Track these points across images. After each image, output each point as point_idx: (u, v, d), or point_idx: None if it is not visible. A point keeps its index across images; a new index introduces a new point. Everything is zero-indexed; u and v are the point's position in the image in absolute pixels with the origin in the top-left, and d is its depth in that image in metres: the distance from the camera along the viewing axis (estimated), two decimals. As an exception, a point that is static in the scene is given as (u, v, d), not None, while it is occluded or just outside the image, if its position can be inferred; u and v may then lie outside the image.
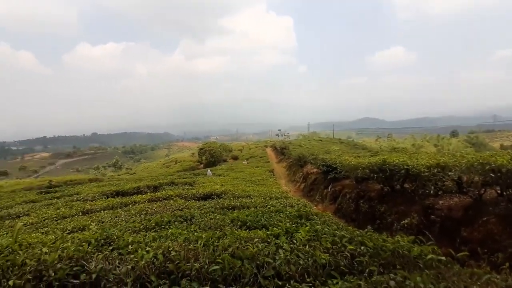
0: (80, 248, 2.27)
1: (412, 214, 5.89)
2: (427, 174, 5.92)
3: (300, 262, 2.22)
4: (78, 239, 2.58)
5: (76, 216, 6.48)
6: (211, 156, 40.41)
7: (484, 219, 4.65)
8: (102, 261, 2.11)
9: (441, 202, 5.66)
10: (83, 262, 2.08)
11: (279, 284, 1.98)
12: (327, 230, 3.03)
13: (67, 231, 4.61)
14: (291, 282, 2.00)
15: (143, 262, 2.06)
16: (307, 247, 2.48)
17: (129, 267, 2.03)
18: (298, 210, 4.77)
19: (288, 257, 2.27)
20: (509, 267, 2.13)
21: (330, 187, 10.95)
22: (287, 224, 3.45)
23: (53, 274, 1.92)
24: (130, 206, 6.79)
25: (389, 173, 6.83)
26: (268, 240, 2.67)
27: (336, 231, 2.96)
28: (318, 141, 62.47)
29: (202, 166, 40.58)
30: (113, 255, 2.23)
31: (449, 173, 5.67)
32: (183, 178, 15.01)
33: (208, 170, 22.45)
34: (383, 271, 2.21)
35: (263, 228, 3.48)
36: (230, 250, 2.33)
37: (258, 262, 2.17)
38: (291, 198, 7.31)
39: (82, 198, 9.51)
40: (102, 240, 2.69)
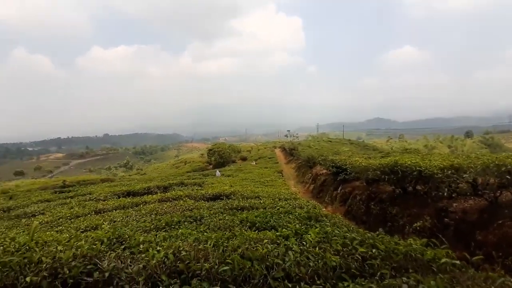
0: (94, 246, 2.31)
1: (425, 216, 5.76)
2: (440, 176, 5.78)
3: (310, 264, 2.20)
4: (91, 238, 2.63)
5: (89, 215, 6.62)
6: (220, 157, 40.60)
7: (500, 222, 4.51)
8: (114, 259, 2.14)
9: (455, 204, 5.52)
10: (96, 261, 2.12)
11: (289, 286, 1.97)
12: (337, 232, 2.99)
13: (81, 230, 4.72)
14: (301, 284, 1.98)
15: (154, 262, 2.09)
16: (317, 249, 2.45)
17: (140, 266, 2.05)
18: (307, 211, 4.73)
19: (298, 258, 2.25)
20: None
21: (339, 189, 10.83)
22: (297, 226, 3.43)
23: (67, 271, 1.97)
24: (141, 206, 6.89)
25: (401, 174, 6.70)
26: (278, 241, 2.66)
27: (347, 233, 2.92)
28: (327, 142, 61.93)
29: (211, 166, 40.82)
30: (125, 254, 2.26)
31: (463, 175, 5.52)
32: (193, 179, 15.14)
33: (217, 171, 22.57)
34: (395, 274, 2.17)
35: (272, 229, 3.47)
36: (240, 250, 2.33)
37: (268, 263, 2.16)
38: (300, 200, 7.26)
39: (95, 198, 9.72)
40: (114, 239, 2.73)
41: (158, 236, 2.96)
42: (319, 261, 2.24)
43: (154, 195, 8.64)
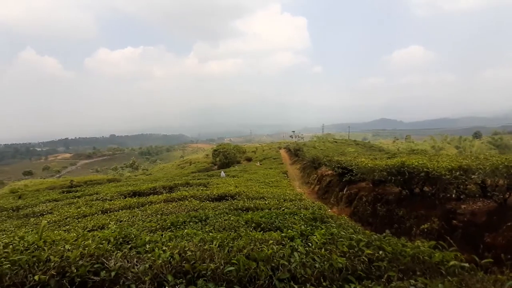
0: (100, 246, 2.33)
1: (432, 218, 5.68)
2: (448, 177, 5.69)
3: (316, 265, 2.18)
4: (98, 237, 2.66)
5: (95, 215, 6.70)
6: (225, 158, 40.70)
7: (509, 224, 4.42)
8: (121, 259, 2.16)
9: (463, 206, 5.43)
10: (103, 260, 2.14)
11: (294, 287, 1.95)
12: (343, 233, 2.96)
13: (88, 229, 4.78)
14: (307, 285, 1.97)
15: (160, 261, 2.10)
16: (323, 250, 2.44)
17: (146, 265, 2.07)
18: (313, 212, 4.71)
19: (304, 260, 2.23)
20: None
21: (345, 190, 10.76)
22: (302, 227, 3.41)
23: (75, 270, 1.99)
24: (147, 206, 6.94)
25: (408, 176, 6.62)
26: (283, 242, 2.65)
27: (353, 235, 2.89)
28: (332, 142, 61.58)
29: (216, 167, 40.94)
30: (131, 254, 2.28)
31: (472, 176, 5.43)
32: (198, 179, 15.20)
33: (222, 172, 22.62)
34: (402, 277, 2.14)
35: (277, 230, 3.46)
36: (245, 251, 2.32)
37: (273, 264, 2.16)
38: (306, 200, 7.23)
39: (101, 198, 9.83)
40: (121, 239, 2.75)
41: (164, 236, 2.97)
42: (325, 262, 2.22)
43: (160, 195, 8.70)
